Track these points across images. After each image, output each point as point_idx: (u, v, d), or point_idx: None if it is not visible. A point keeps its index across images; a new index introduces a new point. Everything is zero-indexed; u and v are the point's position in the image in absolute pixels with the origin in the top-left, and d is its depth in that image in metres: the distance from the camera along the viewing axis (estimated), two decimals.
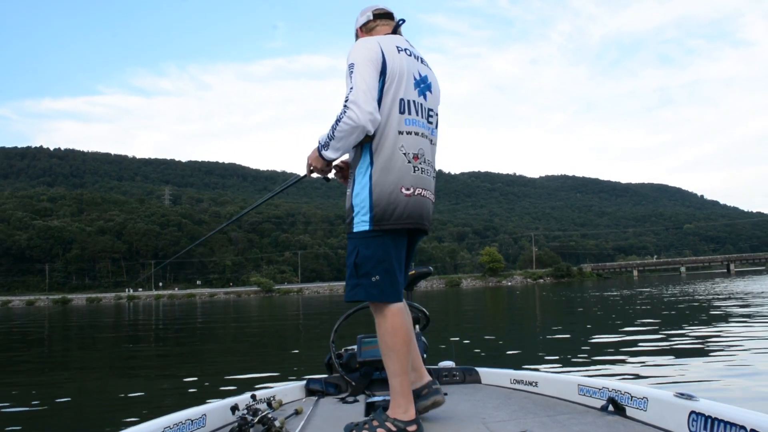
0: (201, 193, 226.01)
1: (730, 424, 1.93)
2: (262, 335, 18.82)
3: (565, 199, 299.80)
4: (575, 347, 10.69)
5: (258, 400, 2.84)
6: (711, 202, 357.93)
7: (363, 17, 2.82)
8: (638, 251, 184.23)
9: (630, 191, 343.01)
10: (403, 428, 2.40)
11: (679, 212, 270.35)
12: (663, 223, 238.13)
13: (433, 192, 2.69)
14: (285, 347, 14.07)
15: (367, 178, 2.53)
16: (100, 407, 7.47)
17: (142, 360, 12.99)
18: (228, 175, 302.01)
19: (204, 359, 11.86)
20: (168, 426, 2.39)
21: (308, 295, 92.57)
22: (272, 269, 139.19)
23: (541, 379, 3.14)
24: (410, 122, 2.57)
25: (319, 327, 19.95)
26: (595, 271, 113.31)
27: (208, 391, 7.89)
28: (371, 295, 2.50)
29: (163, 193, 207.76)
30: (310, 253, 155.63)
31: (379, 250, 2.50)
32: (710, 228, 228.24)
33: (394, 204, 2.48)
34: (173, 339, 18.72)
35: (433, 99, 2.75)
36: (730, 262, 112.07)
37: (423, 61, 2.76)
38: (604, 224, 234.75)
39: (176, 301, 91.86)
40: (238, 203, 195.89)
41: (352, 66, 2.49)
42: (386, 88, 2.53)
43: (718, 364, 7.92)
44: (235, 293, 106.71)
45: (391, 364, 2.48)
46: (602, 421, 2.45)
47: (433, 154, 2.74)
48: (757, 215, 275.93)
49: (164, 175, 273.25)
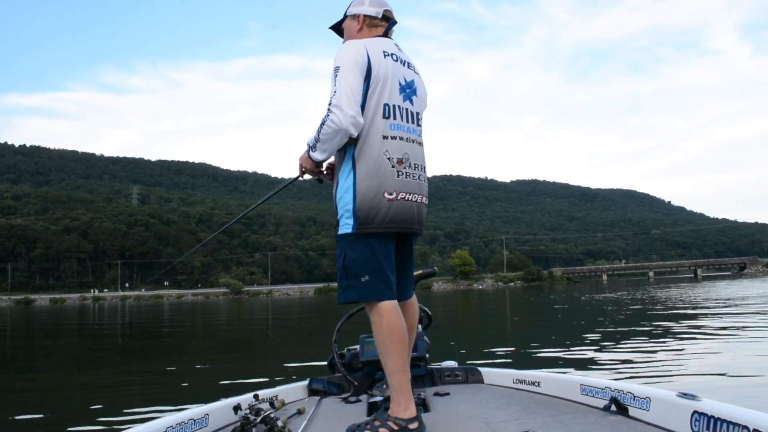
0: (170, 193, 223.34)
1: (733, 424, 1.93)
2: (231, 342, 18.23)
3: (535, 204, 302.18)
4: (553, 345, 10.40)
5: (260, 399, 2.88)
6: (678, 208, 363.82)
7: (372, 9, 2.78)
8: (607, 256, 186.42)
9: (599, 196, 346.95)
10: (404, 426, 2.40)
11: (647, 218, 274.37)
12: (631, 228, 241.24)
13: (423, 194, 2.69)
14: (253, 355, 13.53)
15: (350, 181, 2.55)
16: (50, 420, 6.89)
17: (106, 369, 12.35)
18: (198, 175, 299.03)
19: (172, 374, 11.28)
20: (171, 426, 2.40)
21: (278, 297, 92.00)
22: (242, 271, 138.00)
23: (544, 378, 3.12)
24: (395, 127, 2.59)
25: (289, 332, 19.44)
26: (565, 275, 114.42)
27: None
28: (363, 295, 2.52)
29: (131, 193, 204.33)
30: (281, 255, 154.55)
31: (365, 252, 2.52)
32: (677, 233, 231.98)
33: (377, 208, 2.50)
34: (139, 349, 18.05)
35: (420, 103, 2.76)
36: (697, 267, 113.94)
37: (410, 65, 2.76)
38: (574, 229, 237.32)
39: (143, 302, 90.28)
40: (208, 203, 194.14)
41: (338, 69, 2.51)
42: (370, 93, 2.54)
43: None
44: (204, 295, 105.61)
45: (388, 362, 2.49)
46: (605, 421, 2.45)
47: (423, 157, 2.75)
48: (722, 221, 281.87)
49: (132, 174, 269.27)
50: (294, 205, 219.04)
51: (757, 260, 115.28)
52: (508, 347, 11.67)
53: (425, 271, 3.60)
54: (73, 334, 23.20)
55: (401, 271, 2.75)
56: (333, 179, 2.77)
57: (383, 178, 2.52)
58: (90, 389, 9.09)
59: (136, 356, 14.23)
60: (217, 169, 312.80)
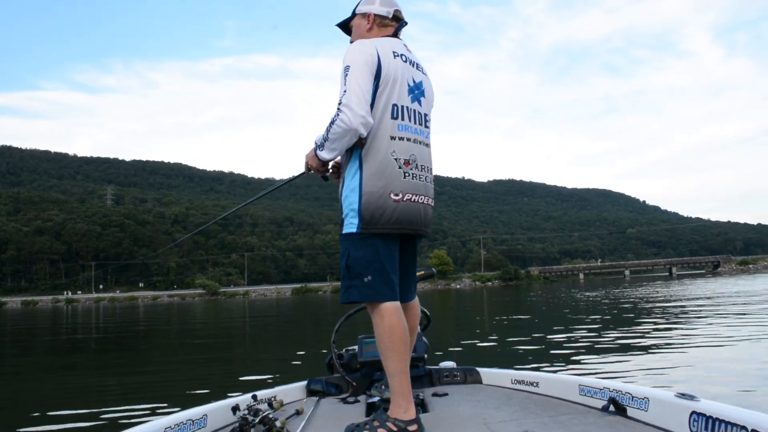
0: (145, 193, 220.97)
1: (731, 425, 1.94)
2: (207, 346, 17.90)
3: (512, 204, 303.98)
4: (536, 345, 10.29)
5: (259, 400, 2.87)
6: (652, 208, 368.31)
7: (383, 8, 2.76)
8: (583, 255, 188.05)
9: (575, 196, 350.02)
10: (403, 428, 2.39)
11: (623, 217, 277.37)
12: (607, 227, 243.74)
13: (429, 196, 2.71)
14: (230, 361, 13.22)
15: (356, 181, 2.54)
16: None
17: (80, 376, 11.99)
18: (173, 175, 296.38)
19: (147, 382, 10.96)
20: (169, 426, 2.40)
21: (255, 297, 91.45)
22: (218, 271, 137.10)
23: (542, 379, 3.13)
24: (403, 128, 2.58)
25: (267, 335, 19.14)
26: (542, 275, 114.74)
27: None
28: (365, 295, 2.50)
29: (105, 193, 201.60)
30: (257, 256, 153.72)
31: (369, 252, 2.51)
32: (652, 233, 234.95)
33: (382, 209, 2.49)
34: (113, 352, 17.65)
35: (427, 104, 2.76)
36: (672, 266, 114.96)
37: (419, 66, 2.76)
38: (551, 228, 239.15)
39: (117, 304, 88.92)
40: (184, 204, 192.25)
41: (348, 68, 2.49)
42: (379, 93, 2.53)
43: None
44: (179, 296, 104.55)
45: (389, 363, 2.48)
46: (603, 422, 2.45)
47: (430, 158, 2.75)
48: (696, 220, 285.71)
49: (107, 175, 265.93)
50: (271, 206, 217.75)
51: (731, 258, 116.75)
52: (488, 343, 11.55)
53: (427, 272, 3.64)
54: (45, 336, 22.66)
55: (404, 273, 2.74)
56: (338, 178, 2.75)
57: (390, 179, 2.51)
58: (57, 393, 8.77)
59: (109, 359, 13.87)
60: (193, 169, 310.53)
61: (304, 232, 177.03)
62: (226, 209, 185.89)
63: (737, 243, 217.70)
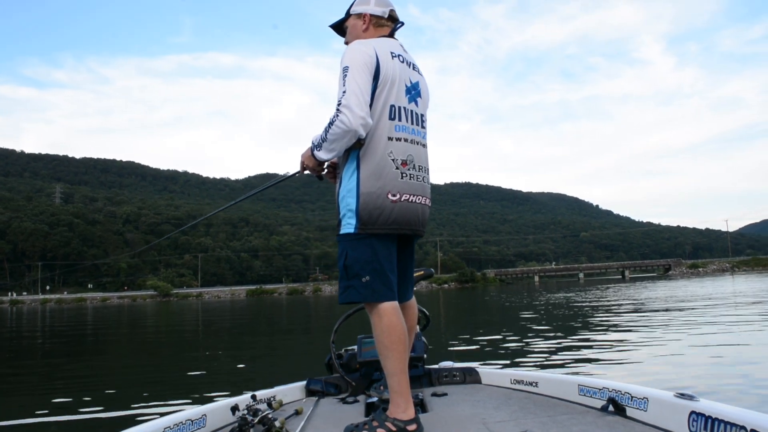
0: (96, 192, 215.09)
1: (730, 425, 1.94)
2: (157, 346, 16.97)
3: (468, 206, 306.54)
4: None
5: (258, 400, 2.88)
6: (605, 212, 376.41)
7: (378, 9, 2.77)
8: (538, 258, 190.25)
9: (530, 200, 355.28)
10: (402, 428, 2.40)
11: (576, 221, 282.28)
12: (561, 231, 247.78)
13: (426, 196, 2.70)
14: (184, 367, 12.41)
15: (354, 182, 2.53)
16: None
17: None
18: (125, 173, 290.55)
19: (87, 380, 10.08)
20: (168, 426, 2.40)
21: (208, 299, 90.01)
22: (170, 273, 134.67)
23: (542, 379, 3.15)
24: (400, 128, 2.59)
25: (220, 340, 18.30)
26: (498, 277, 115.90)
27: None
28: (363, 295, 2.50)
29: (54, 191, 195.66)
30: (212, 257, 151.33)
31: (366, 252, 2.51)
32: (604, 236, 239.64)
33: (380, 209, 2.50)
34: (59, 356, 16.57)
35: (423, 104, 2.77)
36: (625, 269, 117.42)
37: (415, 67, 2.77)
38: (506, 231, 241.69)
39: (65, 306, 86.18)
40: (136, 203, 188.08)
41: (347, 69, 2.49)
42: (377, 94, 2.54)
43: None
44: (130, 297, 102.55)
45: (388, 363, 2.48)
46: (602, 422, 2.45)
47: (427, 159, 2.76)
48: (647, 225, 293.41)
49: (56, 172, 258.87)
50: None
51: (681, 262, 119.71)
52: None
53: (427, 272, 3.66)
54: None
55: (402, 273, 2.76)
56: (334, 178, 2.76)
57: (387, 180, 2.51)
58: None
59: (56, 363, 12.89)
60: (146, 168, 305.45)
61: (259, 233, 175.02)
62: (180, 209, 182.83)
63: (686, 247, 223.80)
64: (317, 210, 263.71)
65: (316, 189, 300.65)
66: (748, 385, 6.50)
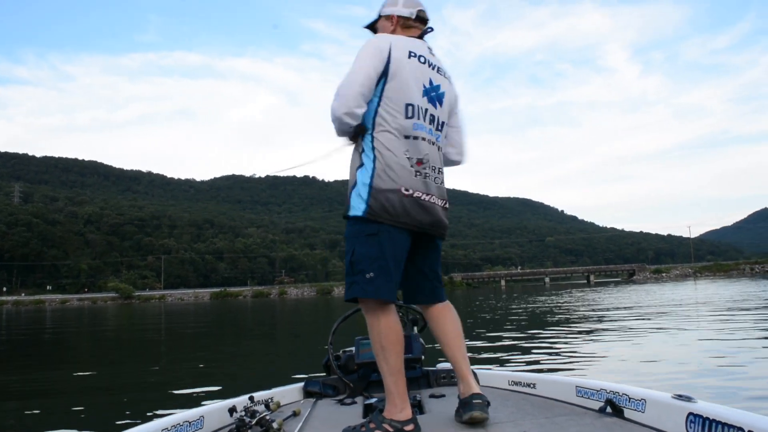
0: (56, 192, 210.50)
1: (727, 426, 1.94)
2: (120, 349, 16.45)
3: None
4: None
5: (256, 401, 2.89)
6: (570, 217, 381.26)
7: (405, 9, 2.77)
8: (504, 262, 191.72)
9: (497, 204, 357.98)
10: (399, 428, 2.39)
11: (542, 226, 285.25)
12: (527, 235, 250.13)
13: (441, 197, 2.66)
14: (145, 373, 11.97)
15: (368, 177, 2.51)
16: None
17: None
18: (88, 173, 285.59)
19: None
20: (166, 428, 2.40)
21: (171, 302, 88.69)
22: (133, 274, 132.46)
23: (539, 380, 3.15)
24: (417, 127, 2.57)
25: (184, 346, 17.81)
26: (465, 280, 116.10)
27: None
28: (365, 291, 2.46)
29: (12, 191, 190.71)
30: (175, 258, 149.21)
31: (374, 249, 2.47)
32: (569, 241, 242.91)
33: (391, 202, 2.47)
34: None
35: (444, 110, 2.73)
36: (590, 274, 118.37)
37: (440, 70, 2.74)
38: (473, 235, 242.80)
39: (22, 308, 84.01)
40: (98, 203, 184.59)
41: (355, 60, 2.53)
42: (386, 89, 2.53)
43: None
44: (91, 299, 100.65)
45: (384, 363, 2.46)
46: (600, 423, 2.45)
47: (441, 160, 2.74)
48: (611, 230, 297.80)
49: (15, 171, 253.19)
50: (190, 207, 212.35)
51: (645, 267, 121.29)
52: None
53: None
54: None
55: (432, 274, 2.75)
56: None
57: (402, 176, 2.49)
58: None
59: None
60: (109, 168, 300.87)
61: (224, 234, 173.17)
62: (143, 209, 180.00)
63: (649, 252, 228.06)
64: (283, 212, 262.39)
65: (282, 191, 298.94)
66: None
